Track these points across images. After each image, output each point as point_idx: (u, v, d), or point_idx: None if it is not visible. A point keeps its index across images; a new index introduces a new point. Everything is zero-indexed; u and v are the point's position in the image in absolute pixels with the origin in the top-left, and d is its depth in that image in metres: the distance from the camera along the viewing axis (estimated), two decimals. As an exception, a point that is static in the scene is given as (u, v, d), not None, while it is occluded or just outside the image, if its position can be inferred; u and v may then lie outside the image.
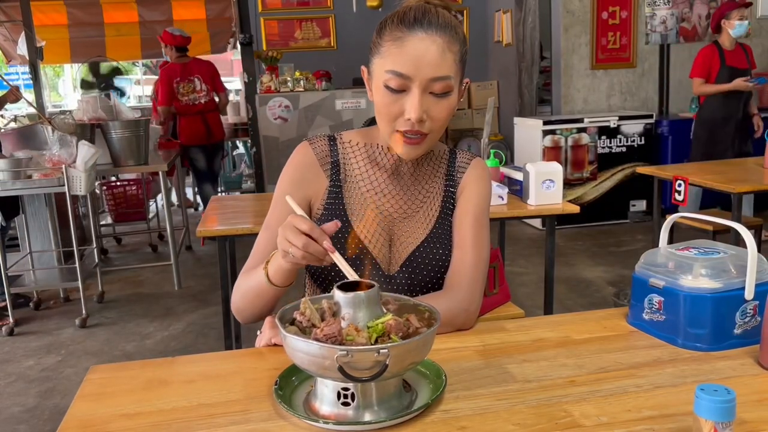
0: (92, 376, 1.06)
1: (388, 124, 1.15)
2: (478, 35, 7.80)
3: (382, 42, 1.13)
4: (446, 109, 1.13)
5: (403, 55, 1.09)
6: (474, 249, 1.23)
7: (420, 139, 1.15)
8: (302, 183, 1.25)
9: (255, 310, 1.19)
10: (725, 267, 1.09)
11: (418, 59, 1.09)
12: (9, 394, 2.84)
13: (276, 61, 5.86)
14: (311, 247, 0.97)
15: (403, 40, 1.10)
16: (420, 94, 1.10)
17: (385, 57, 1.12)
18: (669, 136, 5.27)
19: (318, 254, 0.97)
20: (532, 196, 2.59)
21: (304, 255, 0.97)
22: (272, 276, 1.10)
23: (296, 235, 0.97)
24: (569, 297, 3.74)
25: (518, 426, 0.86)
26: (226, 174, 7.49)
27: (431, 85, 1.10)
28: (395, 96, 1.11)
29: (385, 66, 1.11)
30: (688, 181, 3.06)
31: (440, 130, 1.16)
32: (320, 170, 1.26)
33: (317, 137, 1.29)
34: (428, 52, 1.09)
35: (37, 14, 6.26)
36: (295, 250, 0.98)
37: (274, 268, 1.09)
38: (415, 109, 1.10)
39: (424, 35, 1.09)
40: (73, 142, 3.49)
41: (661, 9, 5.62)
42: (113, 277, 4.46)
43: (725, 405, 0.75)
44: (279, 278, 1.10)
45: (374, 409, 0.88)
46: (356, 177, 1.26)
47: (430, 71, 1.09)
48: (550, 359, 1.06)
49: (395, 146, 1.17)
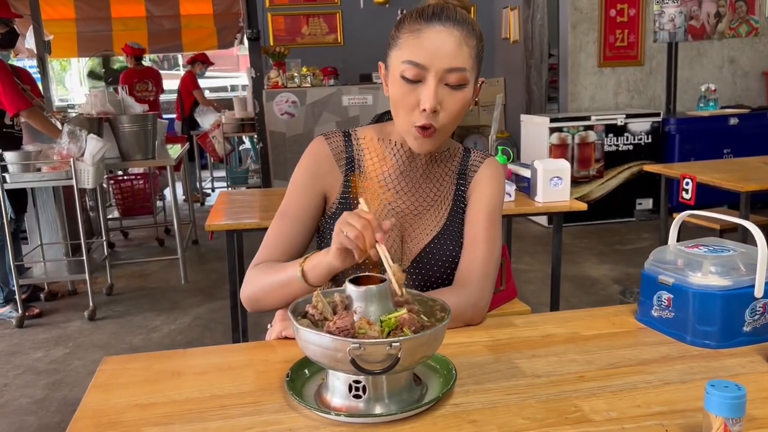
0: (105, 366, 1.07)
1: (404, 117, 1.16)
2: (484, 32, 7.62)
3: (400, 35, 1.14)
4: (460, 101, 1.14)
5: (420, 45, 1.11)
6: (486, 245, 1.23)
7: (431, 132, 1.15)
8: (318, 175, 1.26)
9: (275, 303, 1.19)
10: (735, 265, 1.10)
11: (435, 50, 1.10)
12: (17, 386, 2.86)
13: (283, 56, 5.87)
14: (368, 231, 0.98)
15: (420, 32, 1.11)
16: (435, 84, 1.11)
17: (403, 48, 1.13)
18: (676, 134, 5.25)
19: (370, 240, 0.98)
20: (539, 193, 2.60)
21: (358, 235, 0.98)
22: (309, 270, 1.10)
23: (358, 218, 0.99)
24: (575, 295, 3.74)
25: (528, 420, 0.87)
26: (233, 169, 7.50)
27: (447, 76, 1.11)
28: (411, 86, 1.12)
29: (402, 57, 1.13)
30: (695, 180, 3.06)
31: (452, 123, 1.17)
32: (335, 164, 1.27)
33: (333, 132, 1.30)
34: (445, 43, 1.10)
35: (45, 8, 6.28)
36: (351, 229, 0.98)
37: (314, 263, 1.09)
38: (429, 98, 1.10)
39: (442, 28, 1.11)
40: (83, 136, 3.50)
41: (669, 7, 5.60)
42: (120, 270, 4.48)
43: (736, 401, 0.76)
44: (315, 275, 1.10)
45: (385, 402, 0.89)
46: (370, 172, 1.27)
47: (446, 62, 1.10)
48: (560, 355, 1.07)
49: (409, 139, 1.18)
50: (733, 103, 5.79)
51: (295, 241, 1.24)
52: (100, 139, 3.59)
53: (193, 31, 8.01)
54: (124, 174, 5.68)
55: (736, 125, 5.27)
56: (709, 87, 5.46)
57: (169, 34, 7.99)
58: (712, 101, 5.44)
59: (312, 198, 1.25)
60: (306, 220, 1.25)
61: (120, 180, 5.36)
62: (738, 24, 5.78)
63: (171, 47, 8.07)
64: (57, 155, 3.48)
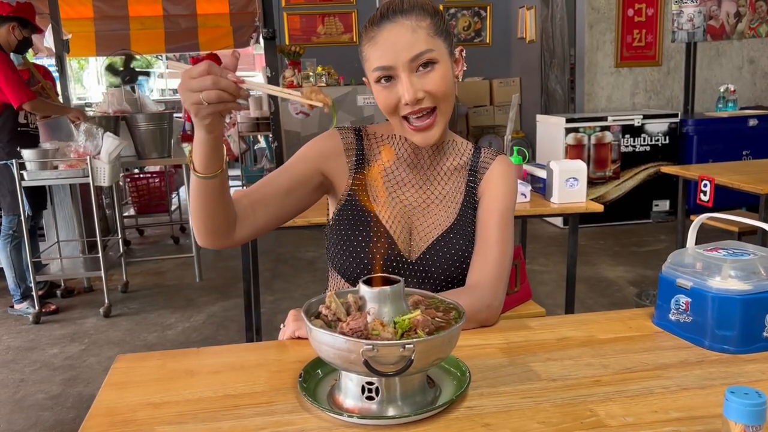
0: (119, 365, 1.07)
1: (393, 115, 1.19)
2: (501, 32, 7.76)
3: (363, 48, 1.19)
4: (439, 78, 1.16)
5: (378, 49, 1.15)
6: (498, 246, 1.23)
7: (428, 117, 1.18)
8: (323, 157, 1.27)
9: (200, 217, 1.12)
10: (755, 269, 1.08)
11: (392, 47, 1.14)
12: (34, 381, 2.89)
13: (298, 56, 5.88)
14: (222, 82, 0.91)
15: (375, 38, 1.16)
16: (407, 76, 1.14)
17: (368, 59, 1.18)
18: (694, 135, 5.19)
19: (230, 89, 0.92)
20: (555, 194, 2.58)
21: (219, 94, 0.91)
22: (197, 164, 1.04)
23: (200, 79, 0.91)
24: (590, 296, 3.71)
25: (543, 424, 0.85)
26: (248, 168, 7.53)
27: (413, 65, 1.14)
28: (389, 87, 1.16)
29: (371, 66, 1.17)
30: (714, 182, 3.02)
31: (446, 101, 1.18)
32: (343, 156, 1.29)
33: (346, 128, 1.32)
34: (399, 37, 1.13)
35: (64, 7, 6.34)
36: (206, 93, 0.91)
37: (196, 149, 1.03)
38: (407, 91, 1.14)
39: (391, 24, 1.14)
40: (99, 134, 3.53)
41: (688, 6, 5.54)
42: (135, 268, 4.51)
43: (756, 408, 0.74)
44: (202, 160, 1.03)
45: (398, 404, 0.88)
46: (378, 167, 1.29)
47: (406, 53, 1.13)
48: (575, 358, 1.06)
49: (409, 136, 1.21)
50: (752, 104, 5.72)
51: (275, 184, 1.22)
52: (116, 137, 3.62)
53: (209, 30, 8.05)
54: (140, 172, 5.73)
55: (756, 126, 5.20)
56: (729, 87, 5.39)
57: (185, 33, 8.03)
58: (731, 102, 5.38)
59: (308, 167, 1.25)
60: (295, 173, 1.24)
61: (136, 178, 5.41)
62: (758, 24, 5.70)
63: (187, 46, 8.11)
64: (74, 153, 3.51)
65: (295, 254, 4.67)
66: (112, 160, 3.52)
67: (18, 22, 3.59)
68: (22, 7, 3.68)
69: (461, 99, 7.25)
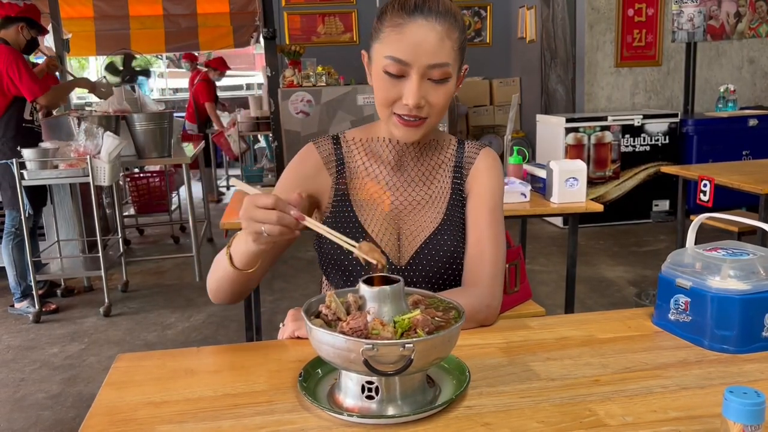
0: (119, 364, 1.08)
1: (386, 108, 1.16)
2: (501, 31, 7.76)
3: (383, 28, 1.13)
4: (444, 95, 1.14)
5: (402, 41, 1.10)
6: (492, 243, 1.22)
7: (419, 122, 1.16)
8: (305, 179, 1.27)
9: (232, 297, 1.19)
10: (754, 268, 1.08)
11: (417, 46, 1.10)
12: (34, 381, 2.89)
13: (299, 55, 5.88)
14: (285, 219, 0.94)
15: (402, 27, 1.10)
16: (418, 80, 1.11)
17: (385, 43, 1.12)
18: (694, 135, 5.19)
19: (291, 225, 0.95)
20: (555, 194, 2.58)
21: (282, 230, 0.94)
22: (238, 261, 1.07)
23: (265, 212, 0.94)
24: (590, 296, 3.71)
25: (542, 424, 0.86)
26: (248, 167, 7.53)
27: (429, 72, 1.11)
28: (394, 81, 1.13)
29: (385, 52, 1.12)
30: (713, 182, 3.02)
31: (438, 115, 1.17)
32: (324, 169, 1.27)
33: (322, 138, 1.30)
34: (427, 38, 1.10)
35: (64, 6, 6.34)
36: (269, 227, 0.94)
37: (241, 251, 1.05)
38: (413, 95, 1.11)
39: (424, 22, 1.10)
40: (99, 134, 3.53)
41: (688, 6, 5.54)
42: (135, 267, 4.52)
43: (755, 408, 0.74)
44: (245, 262, 1.07)
45: (398, 404, 0.88)
46: (361, 174, 1.27)
47: (428, 58, 1.10)
48: (575, 358, 1.06)
49: (393, 129, 1.18)
50: (752, 104, 5.72)
51: None
52: (116, 136, 3.62)
53: (209, 30, 8.06)
54: (140, 172, 5.73)
55: (756, 126, 5.20)
56: (728, 87, 5.39)
57: (185, 33, 8.04)
58: (731, 102, 5.38)
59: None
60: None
61: (136, 177, 5.41)
62: (758, 24, 5.71)
63: (188, 46, 8.12)
64: (74, 152, 3.51)
65: (294, 254, 4.67)
66: (112, 160, 3.52)
67: (26, 23, 3.61)
68: (29, 8, 3.70)
69: (461, 99, 7.25)
